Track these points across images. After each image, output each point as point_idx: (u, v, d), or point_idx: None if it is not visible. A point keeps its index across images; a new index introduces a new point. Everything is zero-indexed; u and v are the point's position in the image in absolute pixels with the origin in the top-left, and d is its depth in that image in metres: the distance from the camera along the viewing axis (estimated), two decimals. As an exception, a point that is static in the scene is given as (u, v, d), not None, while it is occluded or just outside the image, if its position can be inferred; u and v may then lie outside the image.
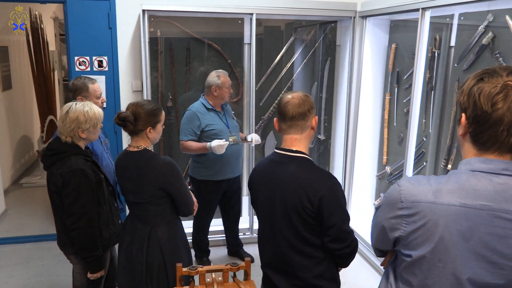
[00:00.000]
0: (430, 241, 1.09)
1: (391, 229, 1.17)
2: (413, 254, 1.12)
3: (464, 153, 1.18)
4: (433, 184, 1.12)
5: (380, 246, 1.29)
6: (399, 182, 1.18)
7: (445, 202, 1.08)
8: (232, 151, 3.46)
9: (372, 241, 1.33)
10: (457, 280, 1.07)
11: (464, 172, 1.12)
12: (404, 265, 1.17)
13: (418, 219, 1.10)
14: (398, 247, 1.19)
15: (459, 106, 1.16)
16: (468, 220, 1.06)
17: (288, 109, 1.73)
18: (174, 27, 3.96)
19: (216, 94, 3.41)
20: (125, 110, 2.14)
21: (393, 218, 1.15)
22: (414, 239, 1.11)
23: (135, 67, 3.94)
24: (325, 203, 1.63)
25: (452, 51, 3.23)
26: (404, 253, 1.16)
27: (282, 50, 4.26)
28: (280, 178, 1.72)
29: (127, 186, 2.19)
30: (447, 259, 1.07)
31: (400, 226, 1.14)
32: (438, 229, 1.07)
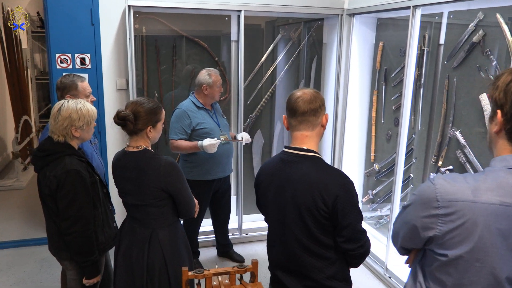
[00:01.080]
0: (469, 240, 1.07)
1: (425, 228, 1.14)
2: (449, 254, 1.11)
3: (497, 150, 1.17)
4: (470, 182, 1.11)
5: (408, 245, 1.27)
6: (432, 180, 1.15)
7: (484, 201, 1.06)
8: (223, 150, 3.40)
9: (397, 239, 1.31)
10: (496, 279, 1.06)
11: (501, 170, 1.11)
12: (438, 264, 1.15)
13: (456, 218, 1.08)
14: (430, 246, 1.17)
15: (494, 103, 1.15)
16: (508, 219, 1.05)
17: (299, 105, 1.69)
18: (160, 24, 3.86)
19: (207, 93, 3.35)
20: (124, 108, 2.05)
21: (427, 217, 1.13)
22: (451, 239, 1.10)
23: (119, 65, 3.82)
24: (339, 203, 1.60)
25: (441, 49, 3.26)
26: (438, 253, 1.14)
27: (269, 48, 4.22)
28: (292, 178, 1.68)
29: (126, 188, 2.10)
30: (486, 259, 1.06)
31: (435, 226, 1.12)
32: (477, 228, 1.06)
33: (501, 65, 2.73)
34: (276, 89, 4.32)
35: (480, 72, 2.89)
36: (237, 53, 4.02)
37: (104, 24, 3.71)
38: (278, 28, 4.28)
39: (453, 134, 3.08)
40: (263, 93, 4.30)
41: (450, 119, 3.14)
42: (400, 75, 3.68)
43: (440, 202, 1.10)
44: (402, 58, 3.67)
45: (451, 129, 3.11)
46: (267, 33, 4.27)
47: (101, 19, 3.70)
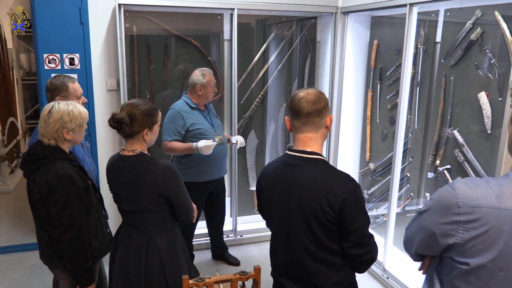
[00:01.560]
0: (493, 249, 1.02)
1: (444, 235, 1.09)
2: (471, 262, 1.05)
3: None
4: (494, 187, 1.05)
5: (424, 252, 1.22)
6: (453, 185, 1.10)
7: (510, 207, 1.01)
8: (218, 150, 3.33)
9: (412, 246, 1.26)
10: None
11: None
12: (458, 272, 1.10)
13: (480, 225, 1.03)
14: (449, 253, 1.12)
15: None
16: None
17: (303, 106, 1.63)
18: (151, 22, 3.77)
19: (201, 93, 3.28)
20: (119, 111, 1.97)
21: (448, 223, 1.08)
22: (473, 247, 1.04)
23: (110, 64, 3.72)
24: (347, 207, 1.54)
25: (437, 47, 3.24)
26: (458, 261, 1.09)
27: (259, 47, 4.15)
28: (297, 181, 1.62)
29: (121, 193, 2.02)
30: (510, 268, 1.01)
31: (456, 233, 1.07)
32: (502, 236, 1.01)
33: (500, 64, 2.70)
34: (269, 89, 4.26)
35: (478, 70, 2.86)
36: (230, 52, 3.95)
37: (94, 23, 3.61)
38: (269, 26, 4.22)
39: (452, 133, 3.05)
40: (256, 93, 4.24)
41: (447, 118, 3.11)
42: (396, 74, 3.65)
43: (461, 208, 1.05)
44: (397, 57, 3.64)
45: (449, 128, 3.09)
46: (257, 32, 4.19)
47: (91, 18, 3.60)
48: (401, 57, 3.54)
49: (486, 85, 2.81)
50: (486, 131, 2.81)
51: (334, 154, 4.22)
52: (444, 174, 3.15)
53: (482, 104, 2.81)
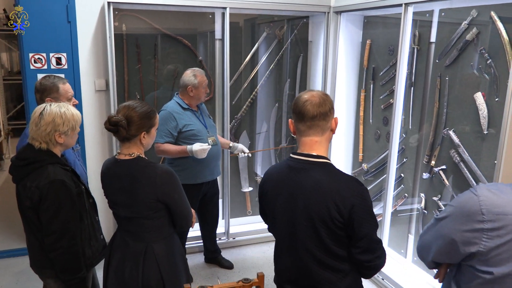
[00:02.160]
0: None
1: (466, 243, 1.05)
2: (495, 271, 1.02)
3: None
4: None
5: (442, 259, 1.18)
6: (475, 191, 1.06)
7: None
8: (212, 152, 3.26)
9: (428, 253, 1.22)
10: None
11: None
12: (479, 282, 1.06)
13: (505, 233, 0.99)
14: (471, 262, 1.08)
15: None
16: None
17: (307, 109, 1.58)
18: (141, 21, 3.68)
19: (192, 94, 3.21)
20: (116, 113, 1.89)
21: (470, 231, 1.04)
22: (497, 255, 1.01)
23: (98, 64, 3.63)
24: (356, 213, 1.50)
25: (432, 47, 3.22)
26: (481, 270, 1.05)
27: (247, 46, 4.09)
28: (303, 186, 1.57)
29: (117, 199, 1.94)
30: None
31: (479, 241, 1.03)
32: None
33: (496, 64, 2.69)
34: (260, 89, 4.20)
35: (474, 71, 2.85)
36: (221, 52, 3.89)
37: (81, 21, 3.51)
38: (258, 26, 4.16)
39: (447, 134, 3.04)
40: (248, 93, 4.18)
41: (442, 118, 3.10)
42: (389, 74, 3.63)
43: (485, 215, 1.01)
44: (391, 57, 3.62)
45: (444, 128, 3.08)
46: (246, 31, 4.12)
47: (78, 16, 3.50)
48: (394, 57, 3.55)
49: (482, 85, 2.81)
50: (482, 132, 2.80)
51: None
52: (439, 174, 3.14)
53: (479, 104, 2.80)
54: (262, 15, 4.09)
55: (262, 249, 4.05)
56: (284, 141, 4.38)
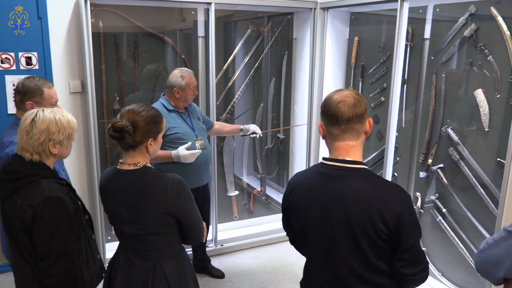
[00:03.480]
0: None
1: None
2: None
3: None
4: None
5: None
6: None
7: None
8: (201, 156, 3.06)
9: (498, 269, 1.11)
10: None
11: None
12: None
13: None
14: None
15: None
16: None
17: (342, 110, 1.43)
18: (119, 18, 3.43)
19: (179, 96, 3.00)
20: (119, 118, 1.68)
21: None
22: None
23: (73, 64, 3.35)
24: (402, 223, 1.37)
25: (426, 44, 3.17)
26: None
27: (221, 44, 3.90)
28: (341, 195, 1.43)
29: (122, 215, 1.73)
30: None
31: None
32: None
33: (497, 60, 2.66)
34: (245, 88, 4.03)
35: (473, 67, 2.81)
36: (205, 50, 3.70)
37: (54, 17, 3.22)
38: (235, 23, 3.97)
39: (446, 131, 2.99)
40: (232, 93, 4.00)
41: (439, 116, 3.05)
42: (380, 71, 3.56)
43: None
44: (380, 54, 3.55)
45: (442, 126, 3.02)
46: (219, 28, 3.90)
47: (50, 12, 3.21)
48: (385, 54, 3.48)
49: (482, 82, 2.77)
50: (483, 129, 2.76)
51: (315, 154, 4.08)
52: (437, 173, 3.09)
53: (479, 101, 2.76)
54: (239, 12, 3.90)
55: (252, 255, 3.89)
56: (270, 142, 4.24)
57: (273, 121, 4.20)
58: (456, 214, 3.02)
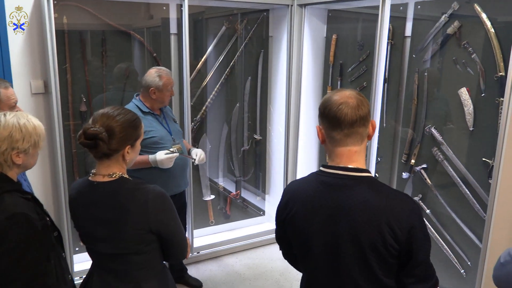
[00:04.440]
0: None
1: None
2: None
3: None
4: None
5: None
6: None
7: None
8: (178, 161, 2.88)
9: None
10: None
11: None
12: None
13: None
14: None
15: None
16: None
17: (344, 113, 1.30)
18: (86, 13, 3.18)
19: (155, 97, 2.81)
20: (91, 123, 1.49)
21: None
22: None
23: (34, 63, 3.09)
24: (414, 236, 1.25)
25: (407, 42, 3.10)
26: None
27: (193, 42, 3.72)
28: (345, 206, 1.30)
29: (96, 233, 1.54)
30: None
31: None
32: None
33: (482, 58, 2.61)
34: (220, 88, 3.86)
35: (456, 66, 2.76)
36: (178, 48, 3.51)
37: (11, 12, 2.95)
38: (206, 20, 3.78)
39: (429, 131, 2.93)
40: (206, 93, 3.82)
41: (422, 115, 2.99)
42: (359, 70, 3.48)
43: None
44: (360, 52, 3.47)
45: (425, 125, 2.96)
46: (190, 26, 3.69)
47: (8, 6, 2.94)
48: (364, 52, 3.40)
49: (465, 80, 2.72)
50: (468, 128, 2.71)
51: (293, 157, 3.96)
52: (421, 173, 3.03)
53: (464, 100, 2.71)
54: (210, 9, 3.72)
55: (229, 262, 3.74)
56: (246, 143, 4.09)
57: (248, 121, 4.05)
58: (440, 215, 2.97)
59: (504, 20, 2.52)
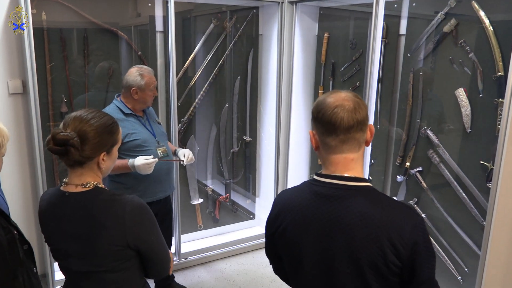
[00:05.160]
0: None
1: None
2: None
3: None
4: None
5: None
6: None
7: None
8: (162, 164, 2.75)
9: None
10: None
11: None
12: None
13: None
14: None
15: None
16: None
17: (340, 117, 1.18)
18: (65, 9, 3.03)
19: (137, 97, 2.66)
20: (62, 127, 1.35)
21: None
22: None
23: (11, 62, 2.94)
24: (417, 252, 1.14)
25: (401, 40, 3.00)
26: None
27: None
28: (342, 220, 1.18)
29: (68, 248, 1.40)
30: None
31: None
32: None
33: (480, 58, 2.51)
34: (208, 88, 3.73)
35: (453, 65, 2.66)
36: (164, 46, 3.37)
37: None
38: (195, 18, 3.65)
39: (425, 133, 2.83)
40: (193, 93, 3.69)
41: (417, 116, 2.89)
42: (352, 69, 3.37)
43: None
44: (353, 51, 3.36)
45: (421, 127, 2.86)
46: (177, 24, 3.55)
47: (-17, 2, 2.79)
48: (357, 51, 3.30)
49: (463, 81, 2.62)
50: (465, 130, 2.62)
51: (285, 159, 3.84)
52: (416, 176, 2.93)
53: (461, 101, 2.61)
54: (200, 6, 3.59)
55: (219, 268, 3.61)
56: (235, 145, 3.96)
57: (238, 122, 3.92)
58: (436, 219, 2.87)
59: (502, 19, 2.42)
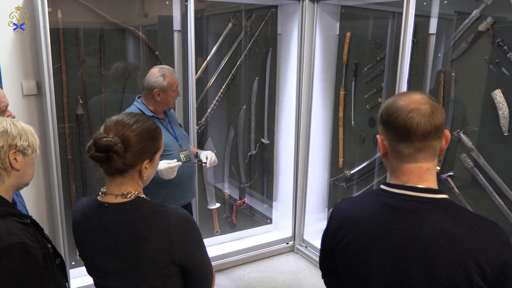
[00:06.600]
0: None
1: None
2: None
3: None
4: None
5: None
6: None
7: None
8: (184, 170, 2.63)
9: None
10: None
11: None
12: None
13: None
14: None
15: None
16: None
17: (416, 122, 1.06)
18: (82, 8, 2.92)
19: (159, 99, 2.55)
20: (103, 132, 1.23)
21: None
22: None
23: (25, 62, 2.83)
24: (507, 274, 1.02)
25: (431, 39, 2.89)
26: None
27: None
28: (419, 237, 1.06)
29: (106, 264, 1.28)
30: None
31: None
32: None
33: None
34: (226, 89, 3.61)
35: (489, 66, 2.54)
36: (182, 45, 3.26)
37: (1, 6, 2.68)
38: (207, 18, 3.53)
39: (458, 136, 2.71)
40: (211, 94, 3.57)
41: (449, 119, 2.77)
42: (376, 70, 3.26)
43: None
44: (377, 51, 3.25)
45: (453, 130, 2.75)
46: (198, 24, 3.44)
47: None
48: (382, 51, 3.19)
49: (500, 82, 2.50)
50: (503, 133, 2.50)
51: (305, 162, 3.73)
52: (447, 181, 2.81)
53: (498, 103, 2.50)
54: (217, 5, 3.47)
55: (237, 275, 3.49)
56: (253, 148, 3.84)
57: (255, 124, 3.81)
58: (469, 226, 2.75)
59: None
